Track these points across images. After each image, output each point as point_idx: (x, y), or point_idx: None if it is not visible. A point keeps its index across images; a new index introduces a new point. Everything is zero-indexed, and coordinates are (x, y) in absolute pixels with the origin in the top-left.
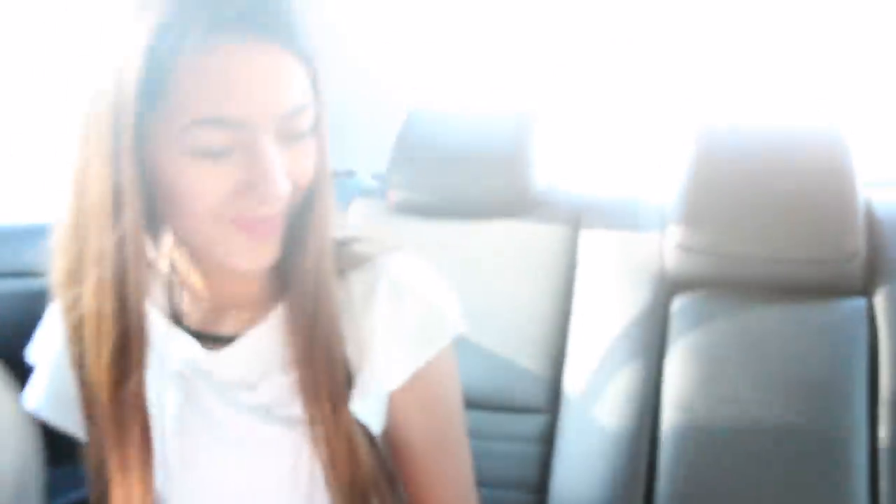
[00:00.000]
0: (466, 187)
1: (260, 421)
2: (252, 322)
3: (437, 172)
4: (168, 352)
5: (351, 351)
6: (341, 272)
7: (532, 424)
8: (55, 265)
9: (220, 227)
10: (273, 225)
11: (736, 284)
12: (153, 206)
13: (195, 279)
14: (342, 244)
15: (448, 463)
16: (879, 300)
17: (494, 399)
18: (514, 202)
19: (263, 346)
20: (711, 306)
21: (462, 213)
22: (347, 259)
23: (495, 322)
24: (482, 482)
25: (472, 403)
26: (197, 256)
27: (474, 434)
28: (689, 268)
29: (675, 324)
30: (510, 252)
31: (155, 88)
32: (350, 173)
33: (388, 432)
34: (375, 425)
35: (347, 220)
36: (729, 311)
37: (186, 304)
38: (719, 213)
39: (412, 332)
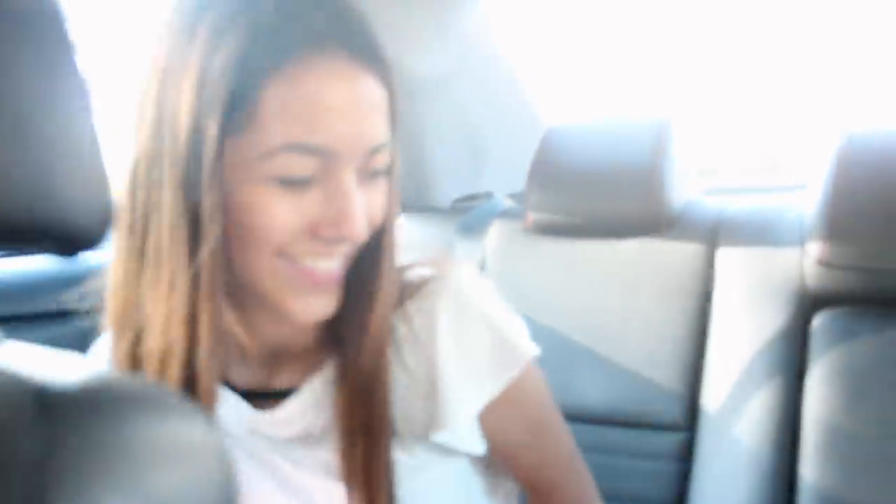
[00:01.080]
0: (603, 206)
1: (325, 476)
2: (307, 373)
3: (575, 191)
4: (219, 414)
5: (418, 384)
6: (400, 304)
7: (669, 442)
8: (112, 302)
9: (284, 267)
10: (336, 275)
11: (881, 300)
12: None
13: (244, 329)
14: (398, 272)
15: (559, 474)
16: None
17: (631, 416)
18: (651, 220)
19: (323, 398)
20: (855, 323)
21: (599, 231)
22: (404, 289)
23: (632, 340)
24: (620, 499)
25: (607, 420)
26: (249, 302)
27: (611, 450)
28: (831, 283)
29: (816, 341)
30: (646, 269)
31: (240, 108)
32: (488, 195)
33: (494, 451)
34: (476, 448)
35: (486, 242)
36: (874, 328)
37: (234, 359)
38: (862, 225)
39: (482, 364)
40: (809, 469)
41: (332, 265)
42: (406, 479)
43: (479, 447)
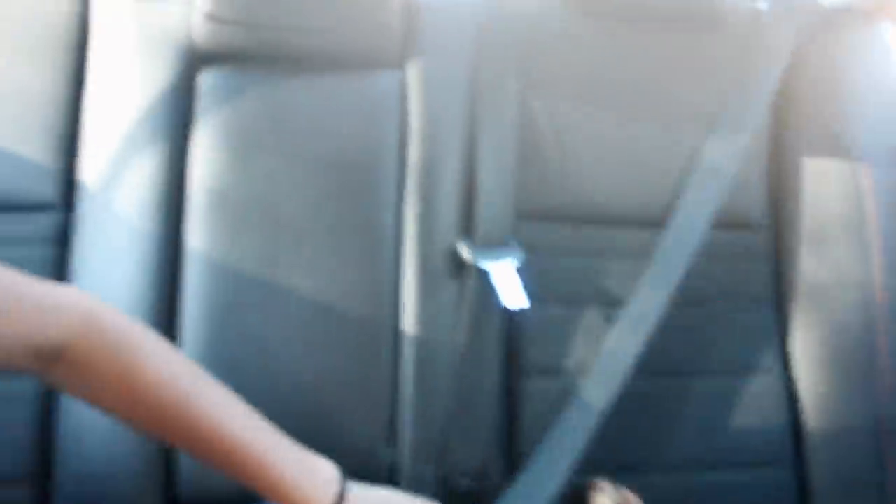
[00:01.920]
0: None
1: None
2: None
3: None
4: None
5: None
6: None
7: (43, 225)
8: None
9: None
10: None
11: (266, 57)
12: None
13: None
14: None
15: None
16: (413, 74)
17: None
18: None
19: None
20: (240, 81)
21: None
22: None
23: None
24: None
25: None
26: None
27: None
28: (218, 38)
29: (201, 101)
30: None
31: None
32: None
33: None
34: None
35: None
36: (259, 86)
37: None
38: None
39: None
40: (196, 235)
41: None
42: None
43: None
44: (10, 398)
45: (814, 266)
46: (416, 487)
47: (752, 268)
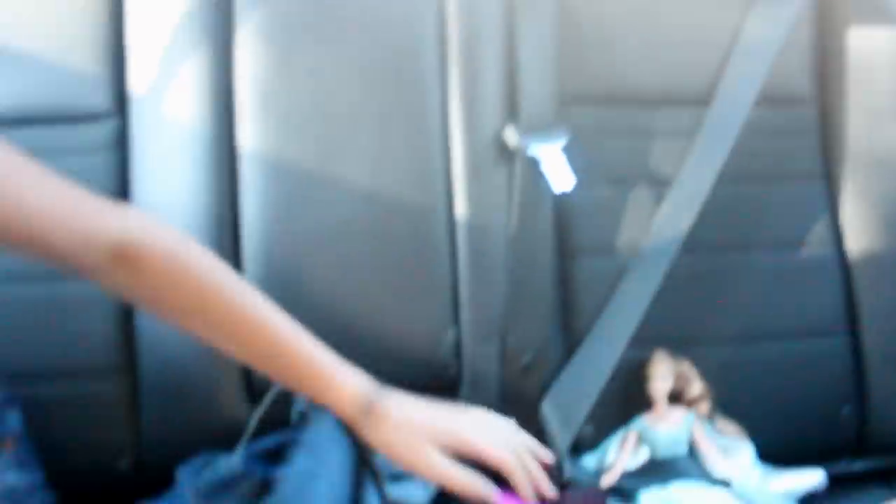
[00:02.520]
0: None
1: None
2: None
3: None
4: None
5: None
6: None
7: (98, 133)
8: None
9: None
10: None
11: None
12: None
13: None
14: None
15: None
16: None
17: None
18: None
19: None
20: None
21: None
22: None
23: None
24: None
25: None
26: None
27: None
28: None
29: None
30: None
31: None
32: None
33: None
34: None
35: None
36: None
37: None
38: None
39: None
40: (249, 134)
41: None
42: None
43: None
44: (95, 298)
45: (864, 137)
46: (479, 365)
47: (800, 142)
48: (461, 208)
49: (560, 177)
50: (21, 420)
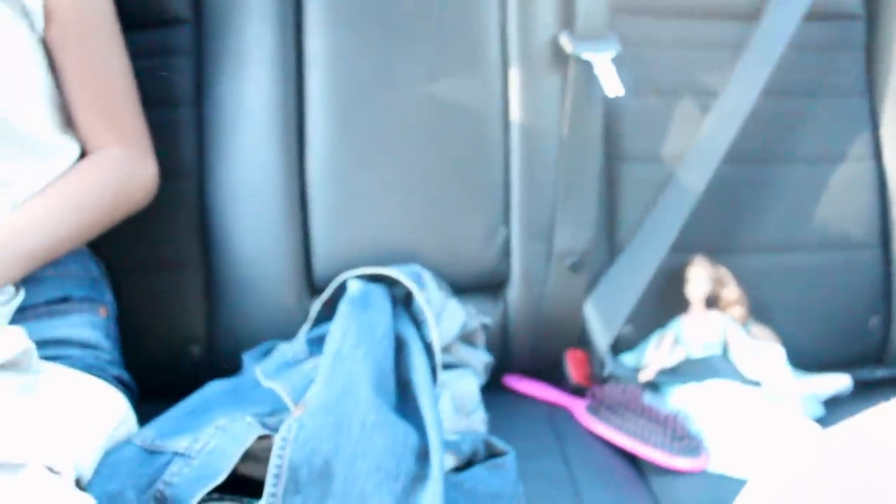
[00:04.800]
0: None
1: None
2: None
3: None
4: None
5: None
6: None
7: (184, 36)
8: None
9: None
10: None
11: None
12: None
13: None
14: None
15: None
16: None
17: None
18: None
19: None
20: None
21: None
22: None
23: None
24: None
25: None
26: None
27: None
28: None
29: None
30: None
31: None
32: None
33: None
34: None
35: None
36: None
37: None
38: None
39: None
40: (316, 41)
41: None
42: None
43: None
44: (173, 197)
45: None
46: (528, 262)
47: (846, 58)
48: (516, 112)
49: (610, 83)
50: (113, 299)
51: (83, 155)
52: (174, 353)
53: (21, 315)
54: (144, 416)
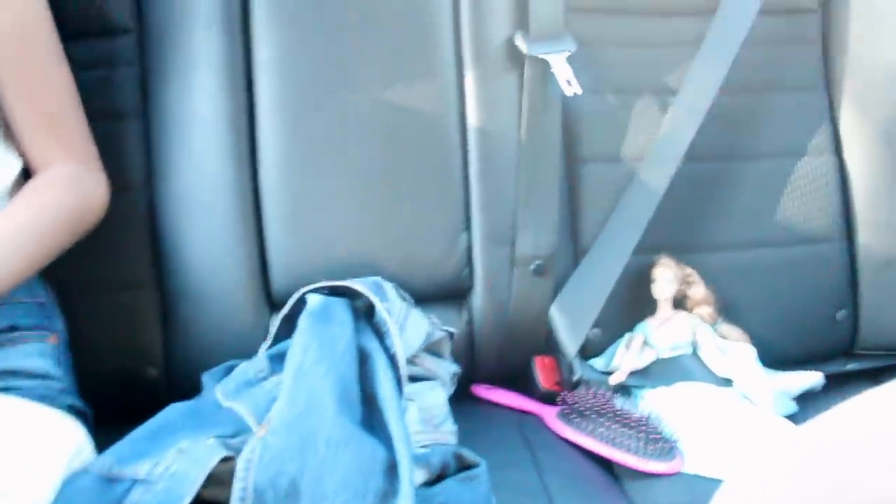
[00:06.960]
0: None
1: None
2: None
3: None
4: None
5: None
6: None
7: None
8: None
9: None
10: None
11: None
12: None
13: None
14: None
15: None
16: None
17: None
18: None
19: None
20: None
21: None
22: None
23: None
24: None
25: None
26: None
27: None
28: None
29: None
30: None
31: None
32: None
33: None
34: None
35: None
36: None
37: None
38: None
39: None
40: (264, 44)
41: None
42: None
43: None
44: (122, 212)
45: (865, 48)
46: (491, 268)
47: (802, 53)
48: (472, 114)
49: (568, 83)
50: (64, 324)
51: (26, 171)
52: (130, 376)
53: None
54: (102, 444)
